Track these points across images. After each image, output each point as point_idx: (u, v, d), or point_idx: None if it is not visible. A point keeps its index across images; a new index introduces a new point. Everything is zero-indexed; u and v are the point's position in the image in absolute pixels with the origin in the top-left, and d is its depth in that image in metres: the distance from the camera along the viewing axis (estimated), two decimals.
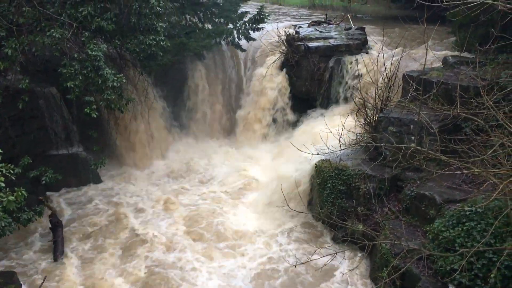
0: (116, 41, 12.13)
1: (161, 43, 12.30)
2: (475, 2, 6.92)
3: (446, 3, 7.17)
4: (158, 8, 12.08)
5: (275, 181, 12.39)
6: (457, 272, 7.23)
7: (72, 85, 10.69)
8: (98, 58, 10.85)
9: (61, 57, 11.04)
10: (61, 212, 12.54)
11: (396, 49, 14.27)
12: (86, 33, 11.17)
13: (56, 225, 11.32)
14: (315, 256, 9.61)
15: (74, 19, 11.23)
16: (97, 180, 14.34)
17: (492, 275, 6.76)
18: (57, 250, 10.87)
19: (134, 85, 14.56)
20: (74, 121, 13.57)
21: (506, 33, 9.12)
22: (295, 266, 9.49)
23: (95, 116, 11.08)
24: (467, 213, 8.03)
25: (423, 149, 7.88)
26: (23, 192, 7.84)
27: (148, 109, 14.97)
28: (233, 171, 15.14)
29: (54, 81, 12.43)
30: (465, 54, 12.69)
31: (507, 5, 6.86)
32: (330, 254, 9.15)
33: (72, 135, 13.54)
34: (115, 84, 11.09)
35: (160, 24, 12.34)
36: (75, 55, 10.86)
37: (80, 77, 10.73)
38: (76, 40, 11.28)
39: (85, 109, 11.03)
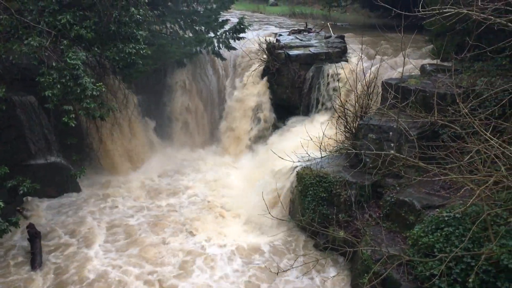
0: (96, 49, 12.04)
1: (141, 51, 12.25)
2: (450, 11, 7.10)
3: (422, 12, 7.33)
4: (138, 16, 12.06)
5: (257, 190, 12.38)
6: (437, 277, 7.32)
7: (50, 94, 10.58)
8: (77, 67, 10.76)
9: (39, 66, 10.92)
10: (39, 223, 12.30)
11: (375, 57, 14.47)
12: (65, 41, 11.07)
13: (35, 236, 11.11)
14: (297, 264, 9.66)
15: (52, 27, 11.13)
16: (77, 189, 14.14)
17: (470, 280, 6.85)
18: (35, 261, 10.66)
19: (114, 93, 14.45)
20: (53, 130, 13.37)
21: (481, 41, 9.35)
22: (277, 274, 9.47)
23: (73, 125, 10.96)
24: (446, 218, 8.14)
25: (402, 156, 8.01)
26: (0, 202, 7.71)
27: (128, 117, 14.86)
28: (213, 181, 15.13)
29: (32, 90, 12.26)
30: (443, 62, 12.94)
31: (481, 15, 7.04)
32: (312, 261, 9.23)
33: (51, 144, 13.33)
34: (94, 92, 11.00)
35: (140, 32, 12.30)
36: (54, 64, 10.74)
37: (59, 86, 10.62)
38: (55, 48, 11.16)
39: (63, 118, 10.90)
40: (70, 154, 13.52)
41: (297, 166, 11.61)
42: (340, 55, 16.11)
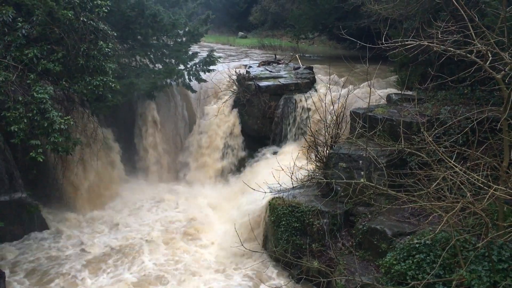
0: (64, 83, 11.92)
1: (110, 84, 12.17)
2: (412, 43, 7.36)
3: (386, 44, 7.59)
4: (107, 49, 12.04)
5: (228, 223, 12.28)
6: None
7: (16, 129, 10.35)
8: (44, 101, 10.61)
9: (5, 101, 10.70)
10: (2, 262, 11.80)
11: (343, 88, 14.79)
12: (31, 76, 10.93)
13: None
14: None
15: (19, 61, 10.99)
16: (44, 226, 13.67)
17: None
18: None
19: (82, 127, 14.26)
20: (18, 165, 13.00)
21: (443, 71, 9.71)
22: None
23: (41, 160, 10.71)
24: (417, 245, 8.22)
25: (371, 184, 8.11)
26: None
27: (96, 151, 14.61)
28: (184, 214, 14.89)
29: None
30: (408, 92, 13.33)
31: (442, 46, 7.32)
32: None
33: (15, 180, 12.93)
34: (62, 126, 10.83)
35: (109, 65, 12.26)
36: (20, 98, 10.56)
37: (25, 120, 10.42)
38: (21, 82, 10.99)
39: (31, 153, 10.65)
40: (37, 190, 13.14)
41: (269, 197, 11.58)
42: (309, 85, 16.43)
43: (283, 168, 10.89)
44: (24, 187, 13.16)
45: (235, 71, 17.38)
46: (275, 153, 15.10)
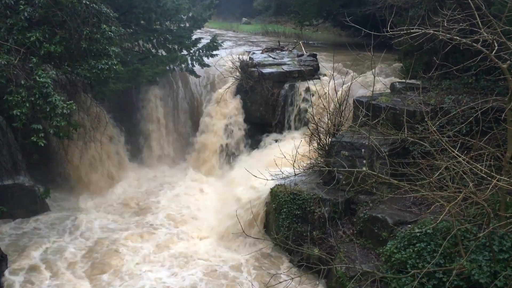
0: (66, 66, 11.85)
1: (114, 67, 12.09)
2: (417, 32, 7.29)
3: (391, 32, 7.51)
4: (109, 33, 11.94)
5: (230, 209, 12.30)
6: None
7: (19, 113, 10.32)
8: (47, 85, 10.55)
9: (7, 84, 10.66)
10: (4, 245, 11.88)
11: (347, 75, 14.68)
12: (34, 59, 10.86)
13: (0, 260, 10.75)
14: (271, 283, 9.57)
15: (21, 44, 10.91)
16: (45, 209, 13.74)
17: None
18: (0, 285, 10.30)
19: (85, 111, 14.23)
20: (20, 149, 13.03)
21: (448, 60, 9.65)
22: None
23: (42, 145, 10.69)
24: (418, 234, 8.24)
25: (373, 172, 8.08)
26: None
27: (100, 136, 14.61)
28: (186, 200, 14.94)
29: None
30: (412, 80, 13.24)
31: (447, 35, 7.25)
32: (286, 280, 9.17)
33: (18, 164, 12.98)
34: (64, 111, 10.80)
35: (113, 48, 12.17)
36: (22, 82, 10.52)
37: (27, 105, 10.37)
38: (24, 66, 10.93)
39: (32, 137, 10.63)
40: (38, 174, 13.18)
41: (271, 184, 11.58)
42: (313, 73, 16.31)
43: (285, 155, 10.87)
44: (26, 171, 13.23)
45: (238, 58, 17.28)
46: (277, 140, 15.07)
